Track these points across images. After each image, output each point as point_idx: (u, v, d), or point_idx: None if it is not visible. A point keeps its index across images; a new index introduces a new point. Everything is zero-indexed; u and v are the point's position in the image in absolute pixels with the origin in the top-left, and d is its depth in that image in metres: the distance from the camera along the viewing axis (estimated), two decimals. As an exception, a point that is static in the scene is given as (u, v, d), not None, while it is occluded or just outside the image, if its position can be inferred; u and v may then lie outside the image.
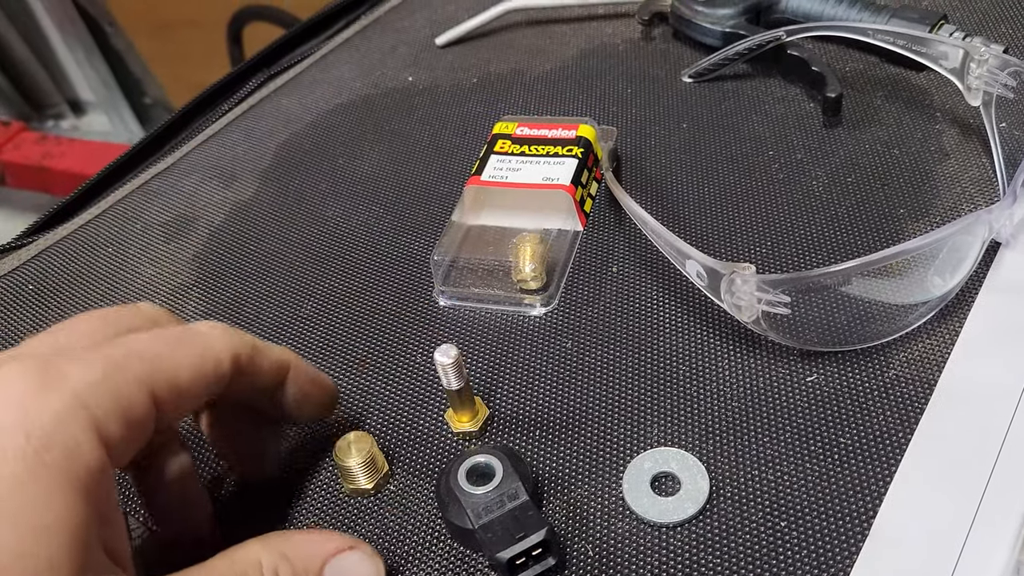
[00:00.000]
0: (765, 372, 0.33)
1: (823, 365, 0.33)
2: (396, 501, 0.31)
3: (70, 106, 1.86)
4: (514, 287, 0.38)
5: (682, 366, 0.34)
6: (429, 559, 0.29)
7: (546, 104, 0.50)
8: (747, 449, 0.31)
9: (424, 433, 0.33)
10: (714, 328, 0.35)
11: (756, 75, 0.48)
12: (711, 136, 0.45)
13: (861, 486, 0.29)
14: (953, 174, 0.39)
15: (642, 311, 0.36)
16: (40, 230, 0.49)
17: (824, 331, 0.33)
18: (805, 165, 0.42)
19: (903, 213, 0.38)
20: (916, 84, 0.45)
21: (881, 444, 0.30)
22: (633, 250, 0.39)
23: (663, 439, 0.31)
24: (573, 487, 0.31)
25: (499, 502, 0.28)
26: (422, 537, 0.30)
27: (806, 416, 0.31)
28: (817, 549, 0.27)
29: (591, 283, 0.38)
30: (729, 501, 0.29)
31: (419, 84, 0.54)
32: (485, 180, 0.41)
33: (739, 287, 0.31)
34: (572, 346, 0.36)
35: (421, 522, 0.30)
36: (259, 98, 0.55)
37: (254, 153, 0.51)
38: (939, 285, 0.33)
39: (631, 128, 0.46)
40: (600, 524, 0.29)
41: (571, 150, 0.41)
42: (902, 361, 0.32)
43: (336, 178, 0.48)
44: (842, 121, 0.43)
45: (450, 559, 0.29)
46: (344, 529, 0.31)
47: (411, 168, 0.47)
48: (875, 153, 0.41)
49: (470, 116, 0.50)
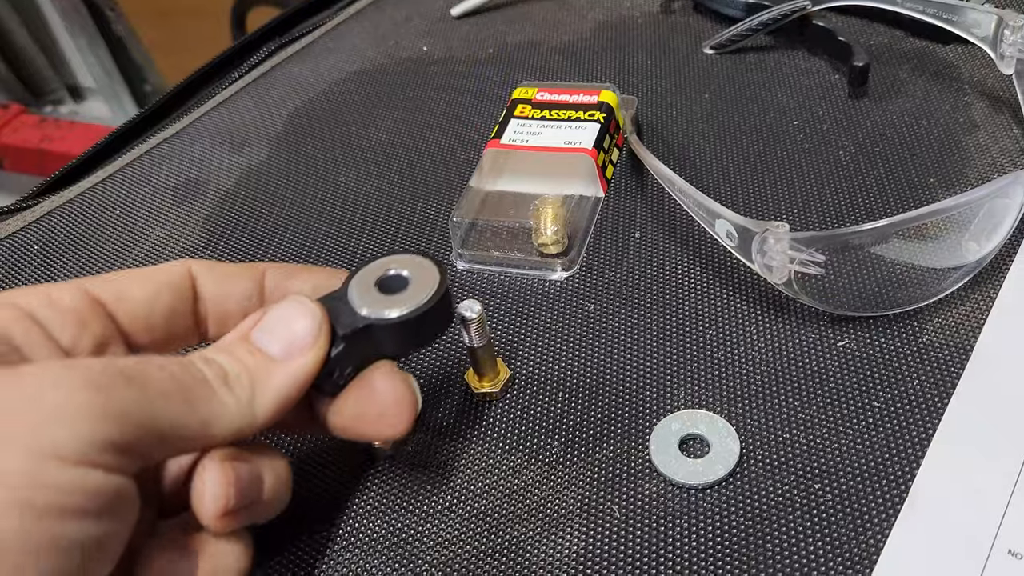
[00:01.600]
0: (795, 336, 0.32)
1: (854, 330, 0.32)
2: (414, 462, 0.30)
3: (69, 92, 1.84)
4: (534, 251, 0.37)
5: (709, 330, 0.33)
6: (448, 519, 0.28)
7: (564, 75, 0.49)
8: (777, 412, 0.30)
9: (443, 395, 0.32)
10: (742, 292, 0.34)
11: (779, 47, 0.47)
12: (734, 107, 0.44)
13: (898, 450, 0.28)
14: (983, 144, 0.38)
15: (667, 276, 0.35)
16: (46, 192, 0.48)
17: (856, 295, 0.32)
18: (831, 135, 0.41)
19: (932, 182, 0.37)
20: (943, 57, 0.44)
21: (917, 408, 0.29)
22: (656, 217, 0.38)
23: (690, 402, 0.31)
24: (598, 448, 0.30)
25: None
26: (441, 498, 0.29)
27: (838, 380, 0.30)
28: (853, 512, 0.26)
29: (613, 248, 0.37)
30: (760, 464, 0.28)
31: (434, 54, 0.53)
32: (505, 143, 0.40)
33: (771, 246, 0.30)
34: (595, 310, 0.35)
35: (440, 482, 0.29)
36: (270, 66, 0.55)
37: (265, 119, 0.50)
38: (974, 250, 0.32)
39: (651, 98, 0.46)
40: (627, 486, 0.28)
41: (593, 115, 0.40)
42: (936, 327, 0.31)
43: (349, 145, 0.47)
44: (868, 92, 0.43)
45: (470, 519, 0.28)
46: (361, 490, 0.30)
47: (426, 135, 0.46)
48: (903, 124, 0.41)
49: (486, 85, 0.49)
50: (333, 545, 0.28)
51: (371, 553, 0.28)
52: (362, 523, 0.29)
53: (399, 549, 0.28)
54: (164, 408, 0.21)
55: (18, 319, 0.23)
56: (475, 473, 0.30)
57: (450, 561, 0.27)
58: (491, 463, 0.30)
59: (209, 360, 0.23)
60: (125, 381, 0.20)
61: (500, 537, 0.28)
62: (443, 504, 0.29)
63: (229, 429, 0.23)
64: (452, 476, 0.30)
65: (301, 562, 0.28)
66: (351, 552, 0.28)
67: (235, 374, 0.23)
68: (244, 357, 0.24)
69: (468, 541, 0.28)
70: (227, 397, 0.23)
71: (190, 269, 0.26)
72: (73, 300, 0.24)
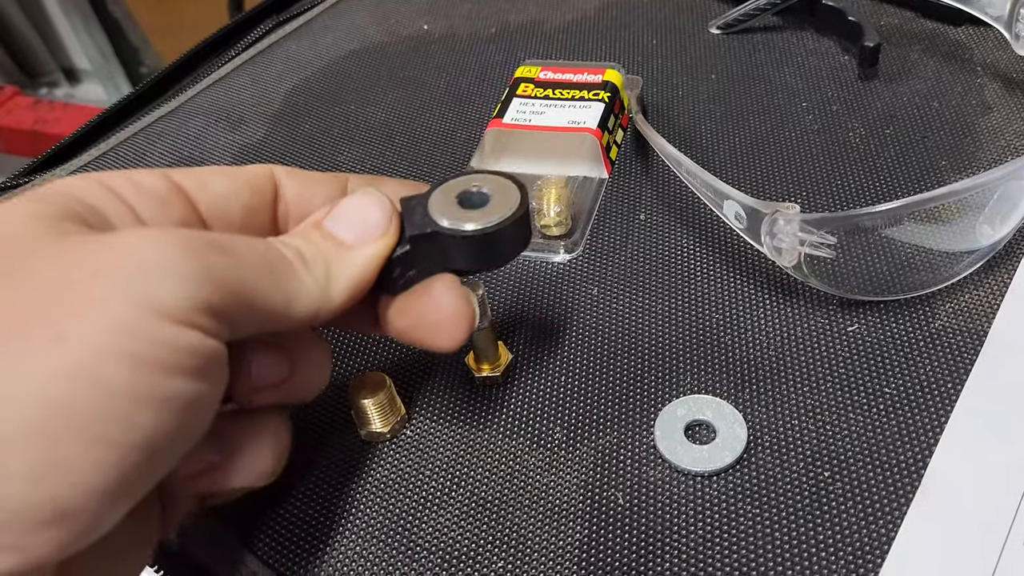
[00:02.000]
0: (803, 321, 0.31)
1: (864, 315, 0.31)
2: (413, 446, 0.30)
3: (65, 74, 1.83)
4: (537, 232, 0.36)
5: (715, 314, 0.32)
6: (448, 505, 0.28)
7: (568, 54, 0.48)
8: (786, 398, 0.29)
9: (444, 378, 0.32)
10: (749, 276, 0.33)
11: (787, 27, 0.46)
12: (741, 87, 0.43)
13: (910, 436, 0.27)
14: (996, 127, 0.38)
15: (673, 258, 0.35)
16: (39, 170, 0.47)
17: (867, 279, 0.32)
18: (841, 117, 0.40)
19: (944, 165, 0.36)
20: (955, 38, 0.43)
21: (929, 394, 0.28)
22: (661, 198, 0.38)
23: (696, 387, 0.30)
24: (602, 433, 0.29)
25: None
26: (440, 483, 0.28)
27: (848, 366, 0.30)
28: (864, 500, 0.26)
29: (618, 230, 0.36)
30: (768, 451, 0.28)
31: (435, 32, 0.52)
32: (507, 123, 0.39)
33: (781, 228, 0.29)
34: (599, 293, 0.34)
35: (439, 468, 0.29)
36: (268, 43, 0.53)
37: (262, 97, 0.49)
38: (988, 234, 0.31)
39: (657, 78, 0.45)
40: (631, 472, 0.28)
41: (597, 94, 0.39)
42: (949, 312, 0.31)
43: (348, 124, 0.46)
44: (879, 74, 0.42)
45: (469, 505, 0.28)
46: (359, 475, 0.29)
47: (427, 115, 0.45)
48: (914, 106, 0.40)
49: (488, 64, 0.48)
50: (331, 531, 0.28)
51: (369, 539, 0.27)
52: (360, 508, 0.28)
53: (397, 535, 0.27)
54: (253, 278, 0.22)
55: (107, 196, 0.23)
56: (475, 458, 0.29)
57: (449, 547, 0.27)
58: (492, 448, 0.29)
59: (286, 243, 0.24)
60: (218, 249, 0.21)
61: (501, 523, 0.27)
62: (442, 490, 0.28)
63: (308, 308, 0.23)
64: (452, 461, 0.29)
65: (298, 547, 0.27)
66: (349, 538, 0.27)
67: (311, 256, 0.24)
68: (318, 242, 0.24)
69: (468, 527, 0.27)
70: (306, 276, 0.23)
71: (273, 171, 0.27)
72: (156, 184, 0.24)
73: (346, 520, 0.28)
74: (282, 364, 0.25)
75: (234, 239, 0.22)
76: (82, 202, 0.22)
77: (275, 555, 0.27)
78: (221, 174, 0.26)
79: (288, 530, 0.28)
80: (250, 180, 0.26)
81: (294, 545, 0.27)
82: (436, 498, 0.28)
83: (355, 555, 0.27)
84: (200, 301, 0.20)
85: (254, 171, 0.26)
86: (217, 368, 0.21)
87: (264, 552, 0.27)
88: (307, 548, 0.27)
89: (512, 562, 0.26)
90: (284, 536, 0.28)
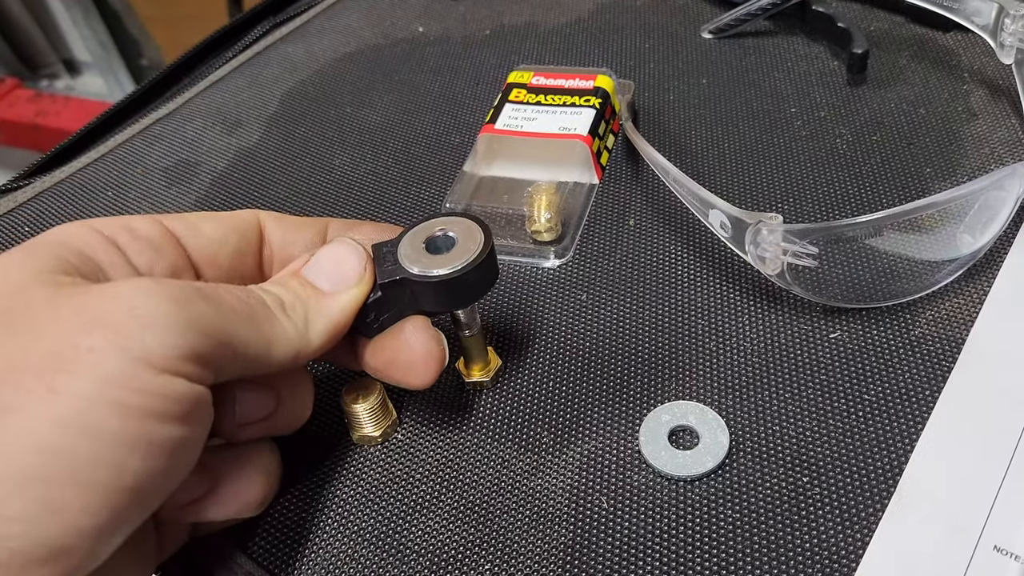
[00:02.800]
0: (787, 328, 0.32)
1: (847, 322, 0.32)
2: (404, 450, 0.30)
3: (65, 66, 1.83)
4: (528, 238, 0.37)
5: (701, 320, 0.33)
6: (437, 508, 0.28)
7: (561, 57, 0.49)
8: (768, 404, 0.30)
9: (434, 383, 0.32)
10: (735, 283, 0.34)
11: (778, 32, 0.47)
12: (731, 92, 0.43)
13: (887, 442, 0.28)
14: (981, 134, 0.38)
15: (660, 265, 0.35)
16: (37, 172, 0.47)
17: (850, 287, 0.32)
18: (829, 123, 0.40)
19: (929, 172, 0.37)
20: (943, 44, 0.44)
21: (907, 401, 0.29)
22: (651, 204, 0.38)
23: (681, 393, 0.31)
24: (588, 438, 0.30)
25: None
26: (430, 486, 0.29)
27: (829, 372, 0.30)
28: (841, 505, 0.27)
29: (607, 236, 0.37)
30: (749, 456, 0.28)
31: (430, 35, 0.52)
32: (499, 128, 0.40)
33: (765, 237, 0.30)
34: (587, 298, 0.35)
35: (429, 471, 0.30)
36: (264, 45, 0.54)
37: (259, 100, 0.49)
38: (968, 243, 0.32)
39: (649, 83, 0.45)
40: (616, 476, 0.28)
41: (588, 100, 0.40)
42: (929, 319, 0.31)
43: (344, 127, 0.46)
44: (867, 80, 0.42)
45: (458, 508, 0.28)
46: (350, 478, 0.30)
47: (421, 118, 0.46)
48: (901, 112, 0.40)
49: (483, 67, 0.49)
50: (321, 533, 0.28)
51: (359, 541, 0.28)
52: (351, 511, 0.29)
53: (388, 537, 0.28)
54: (235, 325, 0.23)
55: (101, 243, 0.24)
56: (464, 462, 0.30)
57: (438, 550, 0.27)
58: (480, 452, 0.30)
59: (267, 291, 0.25)
60: (203, 298, 0.22)
61: (488, 526, 0.28)
62: (432, 492, 0.29)
63: (288, 351, 0.25)
64: (441, 465, 0.30)
65: (289, 550, 0.28)
66: (339, 540, 0.28)
67: (290, 302, 0.25)
68: (296, 289, 0.26)
69: (456, 530, 0.28)
70: (286, 322, 0.25)
71: (259, 217, 0.28)
72: (150, 230, 0.25)
73: (338, 522, 0.28)
74: (266, 400, 0.26)
75: (217, 288, 0.23)
76: (76, 251, 0.23)
77: (269, 557, 0.28)
78: (211, 219, 0.27)
79: (282, 532, 0.28)
80: (237, 225, 0.27)
81: (288, 547, 0.28)
82: (426, 501, 0.29)
83: (347, 557, 0.27)
84: (186, 350, 0.21)
85: (242, 216, 0.28)
86: (202, 411, 0.22)
87: (258, 554, 0.28)
88: (301, 550, 0.28)
89: (499, 564, 0.27)
90: (278, 538, 0.28)
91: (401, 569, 0.27)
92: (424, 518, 0.28)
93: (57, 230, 0.24)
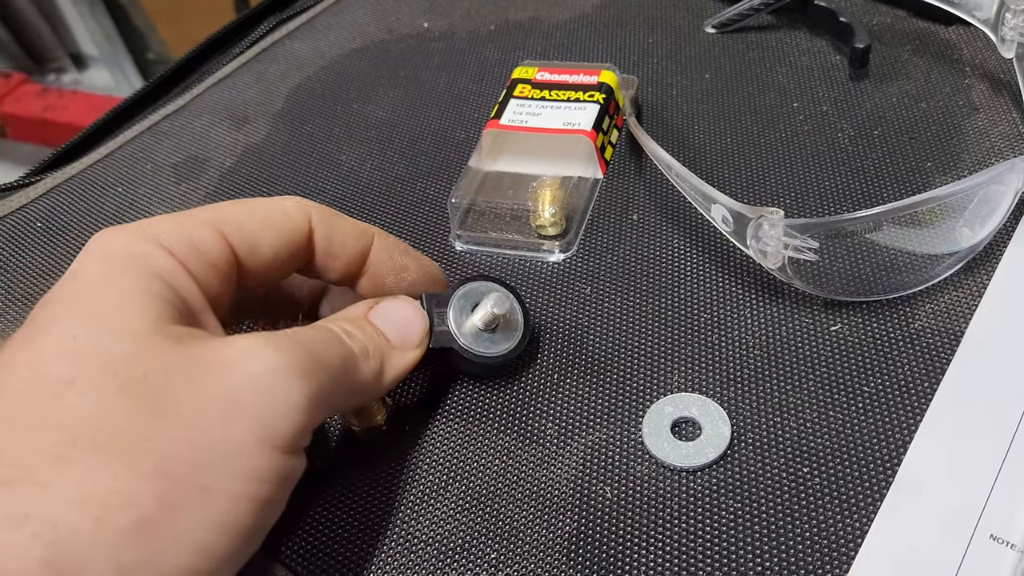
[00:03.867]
0: (788, 321, 0.32)
1: (847, 315, 0.32)
2: (412, 442, 0.31)
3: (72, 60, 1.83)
4: (532, 232, 0.37)
5: (704, 314, 0.33)
6: (444, 499, 0.29)
7: (565, 52, 0.49)
8: (769, 396, 0.30)
9: (438, 374, 0.33)
10: (736, 277, 0.34)
11: (781, 26, 0.47)
12: (734, 87, 0.44)
13: (886, 434, 0.28)
14: (982, 128, 0.38)
15: (663, 259, 0.36)
16: (48, 169, 0.48)
17: (850, 280, 0.33)
18: (831, 117, 0.41)
19: (930, 167, 0.37)
20: (945, 38, 0.44)
21: (906, 393, 0.29)
22: (654, 199, 0.39)
23: (684, 385, 0.31)
24: (592, 429, 0.30)
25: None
26: (437, 477, 0.30)
27: (829, 365, 0.31)
28: (840, 495, 0.27)
29: (611, 231, 0.38)
30: (750, 447, 0.29)
31: (435, 30, 0.53)
32: (504, 124, 0.40)
33: (766, 232, 0.30)
34: (591, 292, 0.35)
35: (435, 462, 0.30)
36: (271, 41, 0.54)
37: (266, 96, 0.50)
38: (968, 236, 0.32)
39: (652, 78, 0.45)
40: (619, 467, 0.29)
41: (592, 96, 0.40)
42: (928, 312, 0.32)
43: (350, 123, 0.47)
44: (869, 74, 0.43)
45: (464, 499, 0.29)
46: (359, 469, 0.30)
47: (427, 114, 0.46)
48: (902, 107, 0.40)
49: (487, 63, 0.49)
50: (329, 523, 0.29)
51: (368, 531, 0.28)
52: (360, 501, 0.29)
53: (395, 528, 0.28)
54: (339, 387, 0.24)
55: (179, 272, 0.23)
56: (470, 453, 0.30)
57: (445, 540, 0.28)
58: (486, 443, 0.30)
59: (351, 335, 0.26)
60: (320, 368, 0.23)
61: (494, 517, 0.28)
62: (439, 483, 0.29)
63: (364, 398, 0.27)
64: (447, 456, 0.30)
65: (294, 541, 0.29)
66: (347, 530, 0.29)
67: (372, 351, 0.27)
68: (374, 337, 0.27)
69: (463, 520, 0.28)
70: (367, 370, 0.26)
71: (311, 220, 0.28)
72: (216, 251, 0.24)
73: (346, 512, 0.29)
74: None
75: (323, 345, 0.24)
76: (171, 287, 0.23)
77: (275, 545, 0.29)
78: (267, 229, 0.26)
79: (289, 522, 0.29)
80: (291, 233, 0.27)
81: (292, 538, 0.29)
82: (432, 491, 0.29)
83: (355, 547, 0.28)
84: (308, 427, 0.22)
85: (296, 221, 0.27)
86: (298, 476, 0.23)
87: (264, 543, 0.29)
88: (305, 541, 0.29)
89: (505, 554, 0.27)
90: (285, 528, 0.29)
91: (409, 558, 0.28)
92: (432, 508, 0.29)
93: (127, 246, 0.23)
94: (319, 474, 0.30)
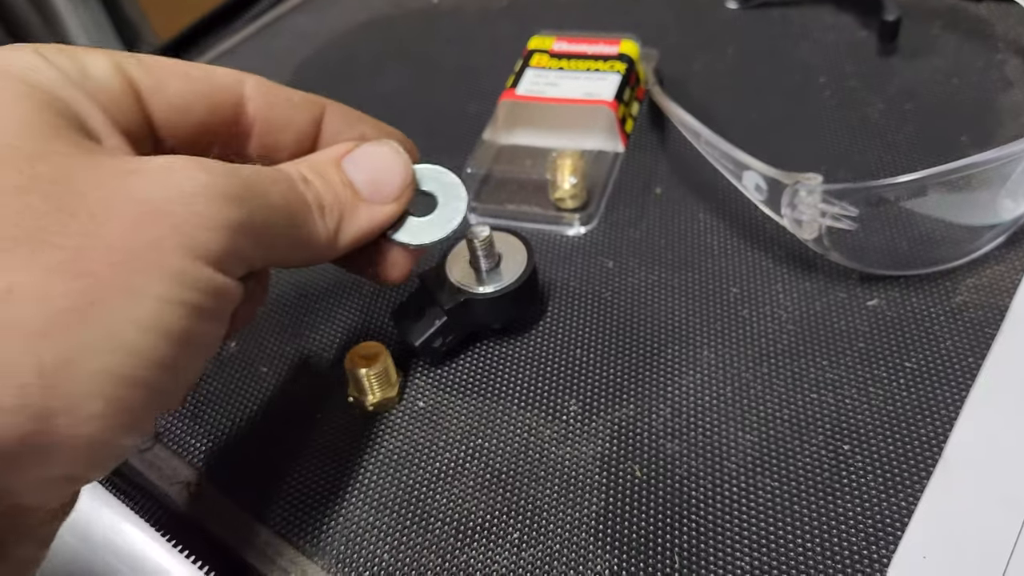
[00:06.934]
0: (823, 295, 0.31)
1: (885, 289, 0.31)
2: (428, 418, 0.29)
3: (64, 51, 1.82)
4: (551, 205, 0.36)
5: (733, 288, 0.32)
6: (462, 477, 0.27)
7: (581, 27, 0.47)
8: (805, 372, 0.29)
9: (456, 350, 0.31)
10: (768, 250, 0.33)
11: (805, 1, 0.46)
12: (758, 63, 0.42)
13: (930, 410, 0.27)
14: (1018, 103, 0.37)
15: (689, 232, 0.34)
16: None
17: (888, 253, 0.31)
18: (859, 93, 0.39)
19: (965, 141, 0.36)
20: (975, 14, 0.43)
21: (950, 369, 0.28)
22: (678, 172, 0.37)
23: (714, 361, 0.30)
24: (618, 406, 0.29)
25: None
26: (454, 454, 0.28)
27: (868, 340, 0.29)
28: (884, 473, 0.26)
29: (633, 204, 0.36)
30: (787, 424, 0.27)
31: (444, 5, 0.51)
32: (521, 94, 0.38)
33: (803, 199, 0.29)
34: (614, 266, 0.33)
35: (452, 440, 0.28)
36: (274, 16, 0.53)
37: (271, 71, 0.48)
38: (1010, 208, 0.31)
39: (673, 53, 0.44)
40: (648, 444, 0.27)
41: (613, 66, 0.39)
42: (970, 287, 0.30)
43: (360, 98, 0.45)
44: (898, 49, 0.41)
45: (484, 476, 0.27)
46: (372, 446, 0.29)
47: (437, 88, 0.45)
48: (934, 82, 0.39)
49: (500, 37, 0.48)
50: (344, 502, 0.27)
51: (382, 510, 0.27)
52: (374, 479, 0.28)
53: (411, 506, 0.27)
54: (276, 223, 0.22)
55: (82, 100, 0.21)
56: (489, 430, 0.29)
57: (464, 518, 0.26)
58: (506, 420, 0.29)
59: (308, 183, 0.23)
60: (255, 195, 0.21)
61: (515, 495, 0.27)
62: (456, 460, 0.28)
63: (312, 254, 0.24)
64: (466, 433, 0.29)
65: (311, 519, 0.27)
66: (362, 509, 0.27)
67: (329, 204, 0.24)
68: (337, 188, 0.24)
69: (482, 498, 0.27)
70: (320, 224, 0.23)
71: (243, 84, 0.25)
72: (108, 79, 0.22)
73: (360, 491, 0.27)
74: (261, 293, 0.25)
75: (264, 180, 0.22)
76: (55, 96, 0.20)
77: (288, 527, 0.27)
78: (181, 77, 0.24)
79: (301, 502, 0.27)
80: (210, 93, 0.24)
81: (308, 516, 0.27)
82: (450, 469, 0.28)
83: (369, 526, 0.26)
84: (236, 249, 0.20)
85: (220, 81, 0.24)
86: (232, 303, 0.21)
87: (277, 524, 0.27)
88: (321, 519, 0.27)
89: (528, 532, 0.26)
90: (297, 508, 0.27)
91: (425, 536, 0.26)
92: (449, 487, 0.27)
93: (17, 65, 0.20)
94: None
